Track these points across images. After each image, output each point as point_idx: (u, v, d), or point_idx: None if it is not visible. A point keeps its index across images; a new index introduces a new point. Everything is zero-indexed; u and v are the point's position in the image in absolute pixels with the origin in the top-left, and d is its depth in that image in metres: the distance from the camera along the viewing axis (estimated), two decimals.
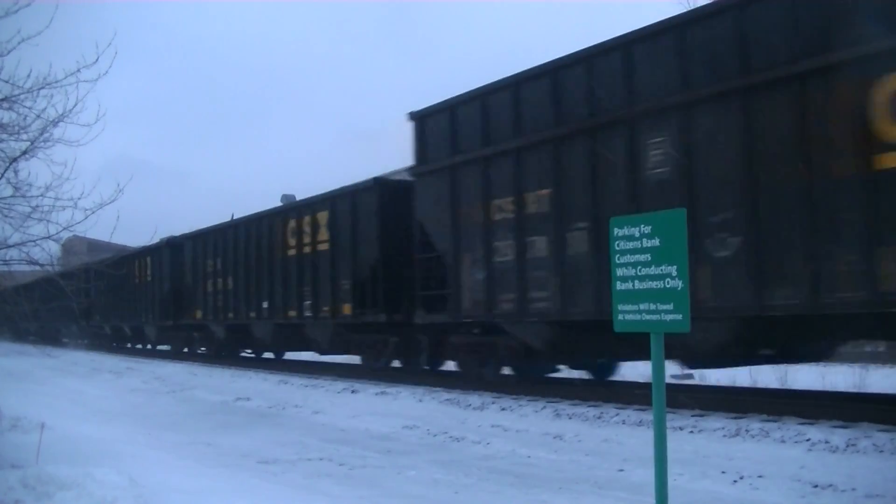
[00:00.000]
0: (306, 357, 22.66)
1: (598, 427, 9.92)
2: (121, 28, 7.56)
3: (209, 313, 24.05)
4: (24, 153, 7.78)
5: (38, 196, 7.80)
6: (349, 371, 18.49)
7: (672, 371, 13.86)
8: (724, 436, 8.76)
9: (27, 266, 8.99)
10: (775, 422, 9.02)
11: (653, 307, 4.54)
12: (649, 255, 4.57)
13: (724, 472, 7.37)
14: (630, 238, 4.68)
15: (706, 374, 15.14)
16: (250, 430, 11.51)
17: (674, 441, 7.21)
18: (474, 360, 14.21)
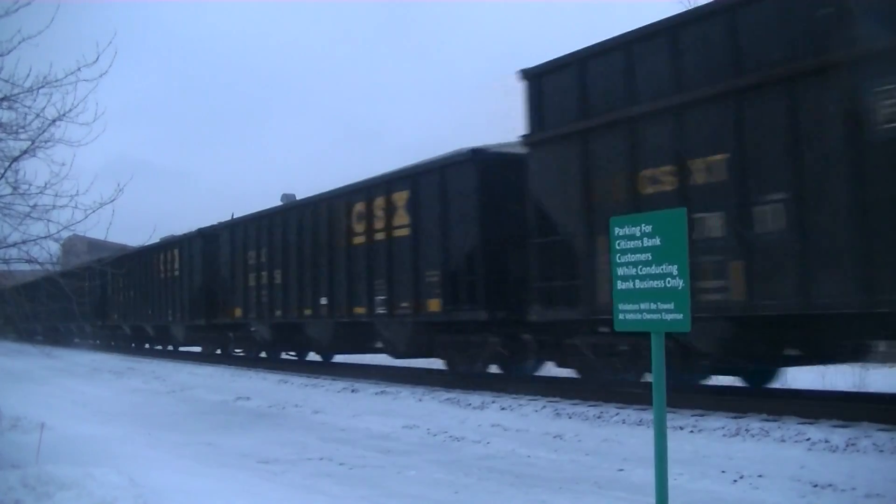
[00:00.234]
0: (368, 360, 20.27)
1: (598, 427, 9.92)
2: (121, 28, 7.58)
3: (251, 311, 21.20)
4: (24, 153, 7.79)
5: (38, 194, 7.80)
6: (431, 377, 15.98)
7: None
8: (724, 435, 8.76)
9: (27, 265, 8.99)
10: (775, 421, 9.02)
11: (653, 307, 4.55)
12: (650, 255, 4.57)
13: (724, 471, 7.37)
14: (631, 237, 4.68)
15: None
16: (250, 430, 11.51)
17: (674, 441, 7.20)
18: (604, 366, 11.84)
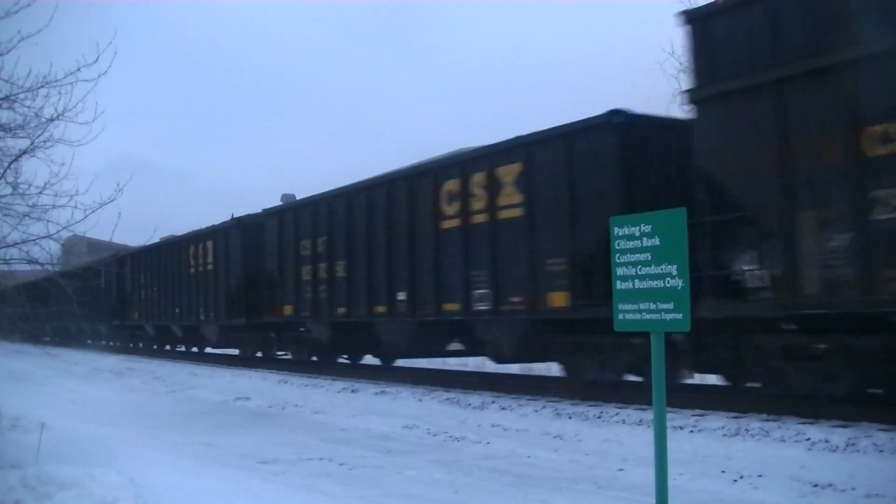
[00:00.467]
0: (450, 365, 18.13)
1: (598, 427, 9.92)
2: (121, 28, 7.57)
3: (304, 308, 18.27)
4: (24, 152, 7.79)
5: (37, 195, 7.80)
6: (539, 388, 13.06)
7: None
8: (724, 435, 8.76)
9: (27, 265, 8.99)
10: (775, 421, 9.02)
11: (653, 306, 4.55)
12: (649, 255, 4.57)
13: (723, 471, 7.38)
14: (630, 237, 4.69)
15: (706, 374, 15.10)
16: (250, 430, 11.51)
17: (674, 441, 7.21)
18: (799, 375, 9.61)
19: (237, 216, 22.47)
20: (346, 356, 20.26)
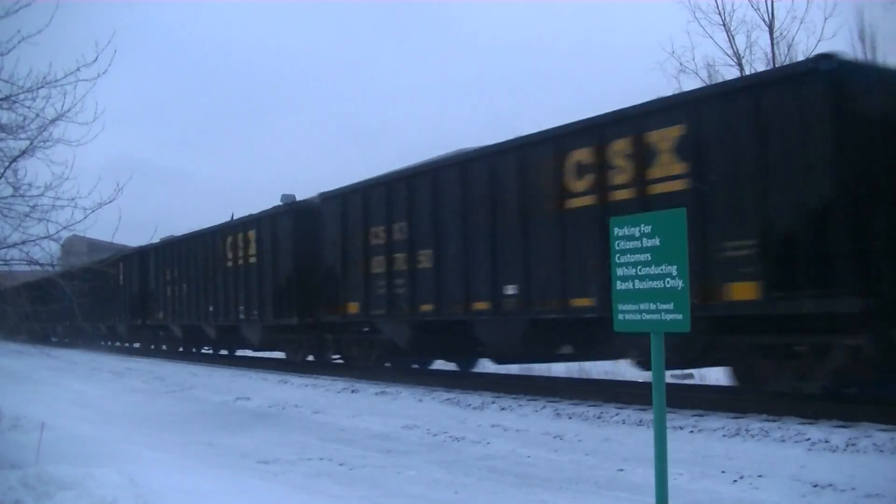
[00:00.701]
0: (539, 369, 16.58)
1: (598, 427, 9.92)
2: (121, 28, 7.59)
3: (376, 306, 15.74)
4: (24, 153, 7.79)
5: (38, 195, 7.81)
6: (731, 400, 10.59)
7: None
8: (724, 435, 8.76)
9: (27, 266, 8.99)
10: (775, 421, 9.02)
11: (653, 307, 4.55)
12: (649, 255, 4.58)
13: (724, 471, 7.38)
14: (630, 238, 4.69)
15: (706, 373, 15.12)
16: (250, 430, 11.51)
17: (674, 441, 7.21)
18: None
19: (288, 200, 19.77)
20: (422, 358, 17.93)
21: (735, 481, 7.07)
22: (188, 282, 25.14)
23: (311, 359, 20.04)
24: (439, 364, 18.63)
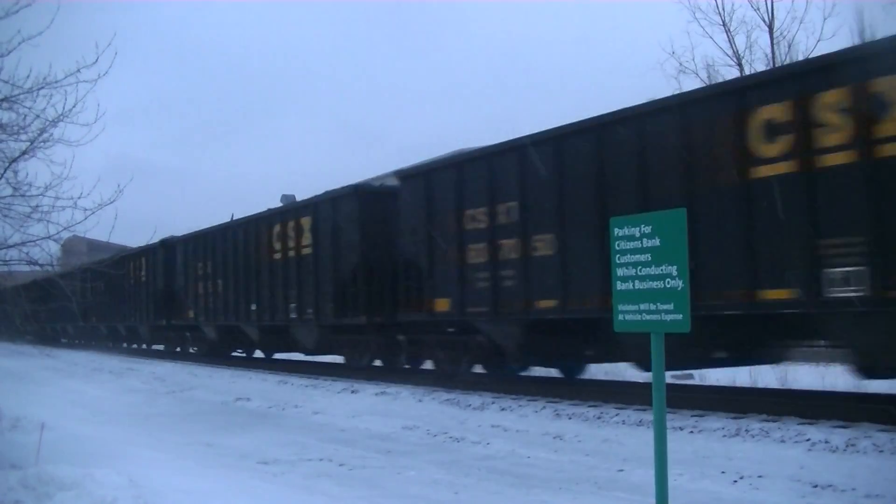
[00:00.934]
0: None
1: (598, 427, 9.93)
2: (121, 28, 7.58)
3: (474, 301, 13.28)
4: (24, 153, 7.80)
5: (38, 196, 7.81)
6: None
7: None
8: (724, 436, 8.76)
9: (27, 266, 9.00)
10: (775, 422, 9.02)
11: (653, 307, 4.55)
12: (649, 255, 4.58)
13: (723, 471, 7.38)
14: (630, 238, 4.69)
15: (706, 373, 15.13)
16: (250, 431, 11.51)
17: (674, 441, 7.21)
18: None
19: (355, 183, 17.45)
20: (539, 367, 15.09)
21: (735, 482, 7.07)
22: (225, 277, 22.02)
23: (378, 364, 17.38)
24: (538, 371, 15.41)
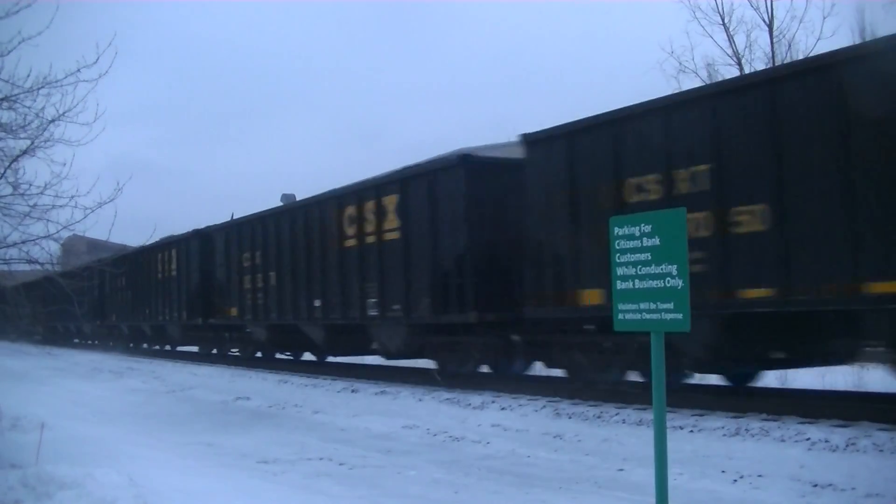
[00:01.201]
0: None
1: (598, 426, 9.93)
2: (121, 28, 7.58)
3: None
4: (24, 152, 7.80)
5: (37, 195, 7.81)
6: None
7: None
8: (724, 435, 8.77)
9: (27, 265, 9.00)
10: (775, 421, 9.03)
11: (653, 306, 4.55)
12: (649, 255, 4.58)
13: (723, 471, 7.38)
14: (630, 237, 4.69)
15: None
16: (250, 430, 11.51)
17: (674, 440, 7.21)
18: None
19: (459, 151, 14.85)
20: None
21: (735, 481, 7.07)
22: (279, 269, 18.98)
23: (484, 370, 14.45)
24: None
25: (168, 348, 29.25)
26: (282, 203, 20.46)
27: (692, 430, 9.10)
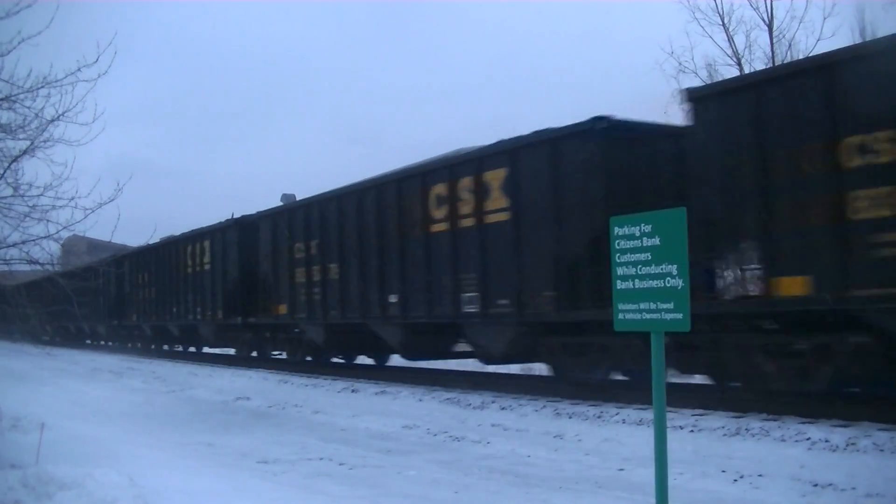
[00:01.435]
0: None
1: (598, 426, 9.92)
2: (121, 28, 7.58)
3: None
4: (24, 153, 7.80)
5: (38, 195, 7.81)
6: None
7: None
8: (725, 435, 8.76)
9: (27, 266, 8.99)
10: (775, 421, 9.02)
11: (653, 306, 4.55)
12: (649, 255, 4.58)
13: (724, 471, 7.38)
14: (630, 237, 4.70)
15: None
16: (250, 430, 11.51)
17: (674, 440, 7.21)
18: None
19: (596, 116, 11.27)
20: None
21: (735, 481, 7.07)
22: (342, 260, 16.40)
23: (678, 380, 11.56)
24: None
25: (189, 349, 27.52)
26: (282, 203, 20.24)
27: (692, 430, 9.10)
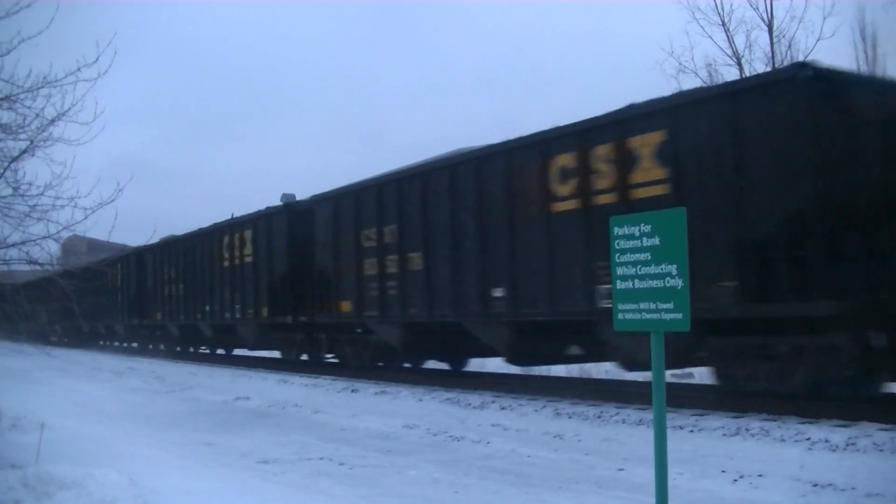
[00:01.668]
0: None
1: (598, 426, 9.92)
2: (121, 28, 7.58)
3: None
4: (24, 152, 7.79)
5: (38, 195, 7.81)
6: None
7: None
8: (724, 435, 8.76)
9: (27, 266, 8.99)
10: (775, 421, 9.02)
11: (653, 306, 4.55)
12: (649, 254, 4.58)
13: (724, 471, 7.38)
14: (630, 237, 4.70)
15: (707, 372, 14.99)
16: (250, 430, 11.50)
17: (674, 440, 7.21)
18: None
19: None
20: None
21: (735, 481, 7.07)
22: (426, 247, 14.13)
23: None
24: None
25: (214, 351, 25.49)
26: (281, 203, 19.81)
27: (692, 430, 9.10)
